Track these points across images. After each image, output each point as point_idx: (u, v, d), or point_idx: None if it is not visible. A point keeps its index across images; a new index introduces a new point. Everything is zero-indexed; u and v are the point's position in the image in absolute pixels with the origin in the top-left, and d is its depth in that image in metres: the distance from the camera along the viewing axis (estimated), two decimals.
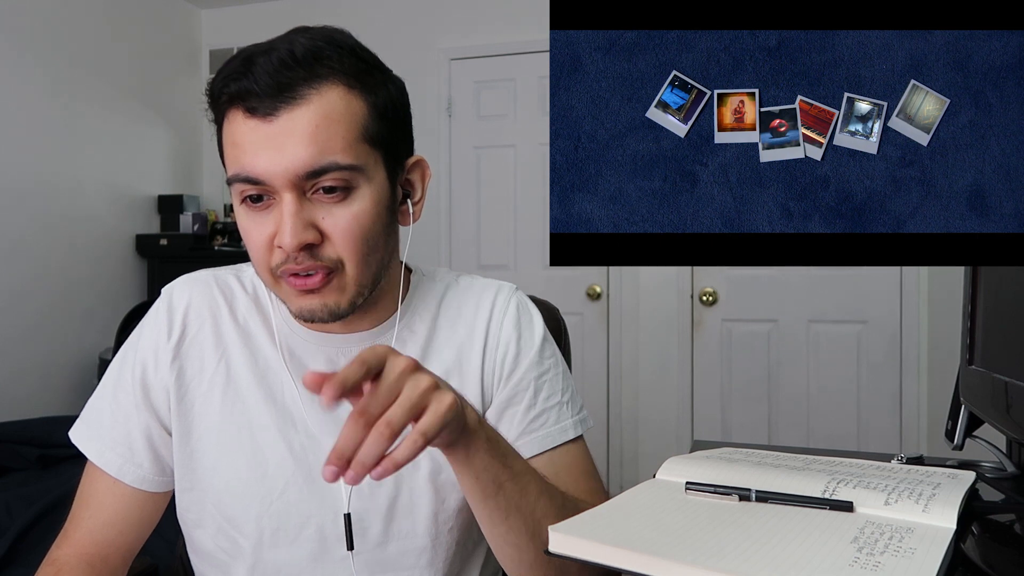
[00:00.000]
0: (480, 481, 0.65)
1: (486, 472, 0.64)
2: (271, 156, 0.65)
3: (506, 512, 0.66)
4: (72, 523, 0.80)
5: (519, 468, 0.68)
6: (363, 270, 0.71)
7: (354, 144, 0.68)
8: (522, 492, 0.67)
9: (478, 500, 0.66)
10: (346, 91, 0.68)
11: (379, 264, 0.73)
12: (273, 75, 0.65)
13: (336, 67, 0.68)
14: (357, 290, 0.71)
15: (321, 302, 0.70)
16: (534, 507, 0.67)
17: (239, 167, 0.67)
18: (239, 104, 0.67)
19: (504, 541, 0.69)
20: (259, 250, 0.70)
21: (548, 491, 0.70)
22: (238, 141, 0.67)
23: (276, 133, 0.65)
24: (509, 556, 0.70)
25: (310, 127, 0.66)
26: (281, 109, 0.65)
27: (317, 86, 0.66)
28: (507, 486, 0.66)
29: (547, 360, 0.83)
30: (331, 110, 0.67)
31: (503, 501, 0.66)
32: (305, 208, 0.67)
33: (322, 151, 0.66)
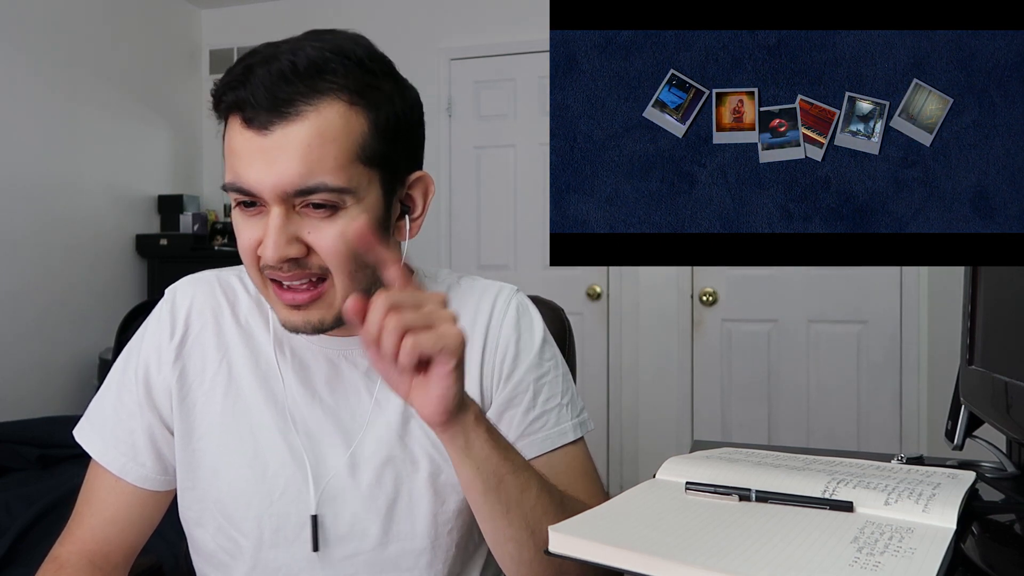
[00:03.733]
0: (481, 472, 0.65)
1: (486, 463, 0.65)
2: (262, 169, 0.65)
3: (506, 507, 0.67)
4: (75, 521, 0.80)
5: (519, 464, 0.68)
6: (349, 285, 0.69)
7: (347, 165, 0.66)
8: (522, 488, 0.67)
9: (478, 493, 0.67)
10: (346, 107, 0.66)
11: (368, 279, 0.71)
12: (271, 88, 0.64)
13: (339, 82, 0.66)
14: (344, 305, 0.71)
15: (304, 319, 0.70)
16: (535, 504, 0.67)
17: (233, 176, 0.67)
18: (237, 112, 0.66)
19: (504, 537, 0.69)
20: (246, 252, 0.70)
21: (548, 489, 0.70)
22: (234, 149, 0.67)
23: (269, 147, 0.64)
24: (509, 554, 0.70)
25: (303, 145, 0.64)
26: (276, 124, 0.64)
27: (315, 102, 0.65)
28: (507, 480, 0.66)
29: (547, 362, 0.83)
30: (327, 128, 0.65)
31: (503, 495, 0.66)
32: (292, 222, 0.66)
33: (312, 171, 0.64)
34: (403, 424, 0.78)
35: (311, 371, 0.79)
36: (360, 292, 0.70)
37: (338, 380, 0.79)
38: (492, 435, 0.66)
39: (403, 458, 0.78)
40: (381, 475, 0.77)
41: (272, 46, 0.68)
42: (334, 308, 0.70)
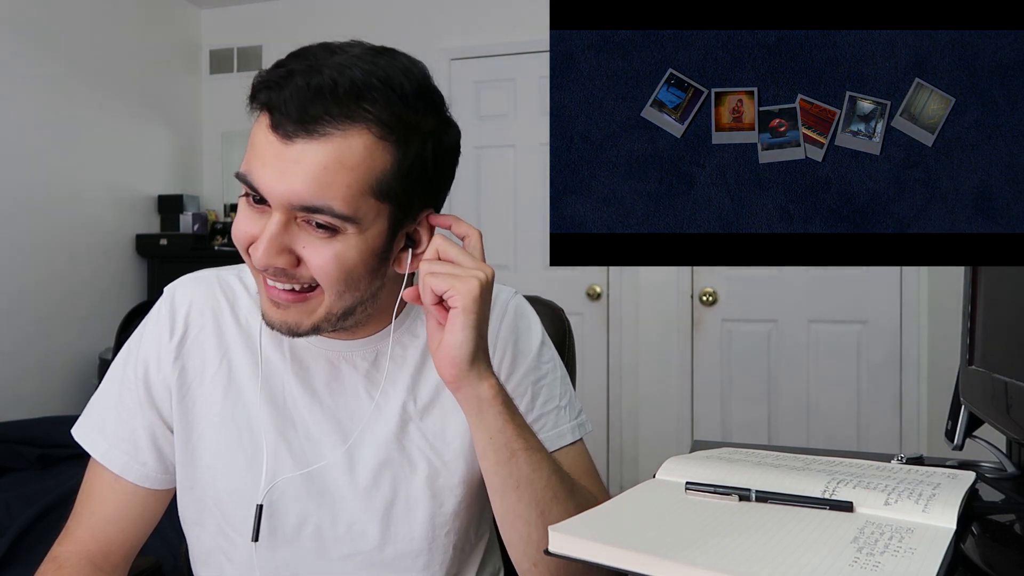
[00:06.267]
0: (494, 443, 0.68)
1: (500, 435, 0.68)
2: (274, 176, 0.64)
3: (517, 482, 0.69)
4: (75, 520, 0.80)
5: (534, 444, 0.70)
6: (335, 302, 0.69)
7: (358, 196, 0.64)
8: (535, 467, 0.69)
9: (491, 465, 0.69)
10: (374, 141, 0.64)
11: (356, 300, 0.70)
12: (304, 102, 0.62)
13: (374, 112, 0.63)
14: (325, 316, 0.70)
15: (282, 318, 0.70)
16: (546, 485, 0.69)
17: (247, 169, 0.66)
18: (267, 113, 0.65)
19: (515, 514, 0.70)
20: (240, 243, 0.70)
21: (561, 474, 0.71)
22: (255, 145, 0.66)
23: (288, 157, 0.63)
24: (518, 532, 0.70)
25: (319, 166, 0.63)
26: (300, 137, 0.63)
27: (344, 127, 0.63)
28: (520, 456, 0.68)
29: (545, 364, 0.83)
30: (348, 156, 0.63)
31: (515, 470, 0.68)
32: (289, 232, 0.66)
33: (322, 193, 0.63)
34: (401, 427, 0.78)
35: (311, 372, 0.79)
36: (346, 309, 0.70)
37: (338, 382, 0.79)
38: (509, 409, 0.69)
39: (401, 460, 0.78)
40: (379, 477, 0.77)
41: (325, 53, 0.66)
42: (313, 317, 0.70)
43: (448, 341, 0.66)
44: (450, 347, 0.66)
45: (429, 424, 0.79)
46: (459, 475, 0.79)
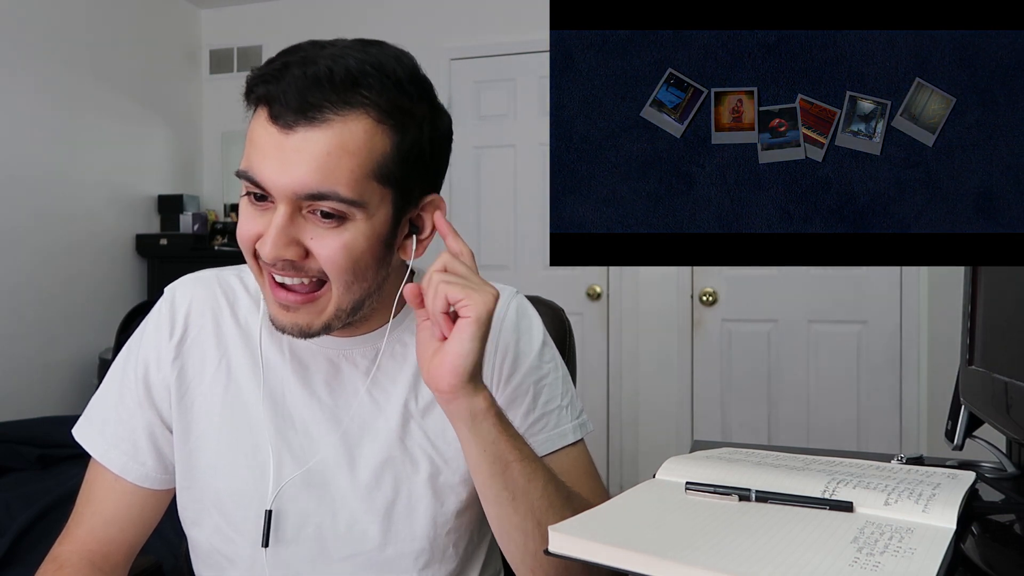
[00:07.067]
0: (487, 455, 0.67)
1: (493, 446, 0.67)
2: (277, 168, 0.65)
3: (512, 494, 0.68)
4: (75, 520, 0.80)
5: (527, 454, 0.70)
6: (344, 294, 0.70)
7: (362, 180, 0.66)
8: (529, 477, 0.68)
9: (485, 477, 0.68)
10: (373, 125, 0.66)
11: (364, 292, 0.71)
12: (302, 91, 0.64)
13: (371, 98, 0.65)
14: (335, 313, 0.70)
15: (292, 321, 0.70)
16: (541, 495, 0.69)
17: (248, 165, 0.67)
18: (265, 106, 0.66)
19: (511, 525, 0.69)
20: (245, 243, 0.70)
21: (556, 483, 0.71)
22: (255, 140, 0.67)
23: (289, 147, 0.64)
24: (515, 543, 0.70)
25: (322, 152, 0.64)
26: (300, 125, 0.64)
27: (343, 112, 0.64)
28: (514, 467, 0.68)
29: (546, 364, 0.83)
30: (349, 140, 0.65)
31: (510, 482, 0.68)
32: (296, 224, 0.66)
33: (327, 179, 0.64)
34: (403, 425, 0.78)
35: (311, 371, 0.79)
36: (355, 302, 0.70)
37: (338, 380, 0.79)
38: (502, 422, 0.68)
39: (402, 459, 0.78)
40: (380, 476, 0.77)
41: (316, 47, 0.67)
42: (324, 315, 0.70)
43: (454, 350, 0.65)
44: (456, 356, 0.65)
45: (431, 422, 0.79)
46: (461, 474, 0.78)
